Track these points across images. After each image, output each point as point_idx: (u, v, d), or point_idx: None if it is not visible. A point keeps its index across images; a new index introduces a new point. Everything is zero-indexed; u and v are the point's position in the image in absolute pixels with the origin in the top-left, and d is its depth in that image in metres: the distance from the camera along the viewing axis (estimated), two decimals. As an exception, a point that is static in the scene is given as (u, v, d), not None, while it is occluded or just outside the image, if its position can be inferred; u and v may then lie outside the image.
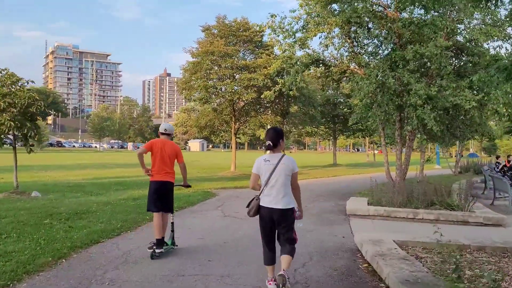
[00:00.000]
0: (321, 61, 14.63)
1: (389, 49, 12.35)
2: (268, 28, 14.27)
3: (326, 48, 14.63)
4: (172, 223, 6.66)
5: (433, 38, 11.55)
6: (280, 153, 4.68)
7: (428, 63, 11.94)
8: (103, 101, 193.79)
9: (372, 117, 12.40)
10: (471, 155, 55.55)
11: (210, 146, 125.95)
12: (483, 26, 11.59)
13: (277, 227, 4.60)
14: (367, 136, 43.90)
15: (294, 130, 30.92)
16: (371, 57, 13.12)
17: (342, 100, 35.69)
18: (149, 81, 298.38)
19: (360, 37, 14.53)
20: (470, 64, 12.73)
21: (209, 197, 13.20)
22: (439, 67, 11.81)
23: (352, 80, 13.09)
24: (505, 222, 9.32)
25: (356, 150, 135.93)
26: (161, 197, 6.34)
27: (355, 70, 14.70)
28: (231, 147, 24.58)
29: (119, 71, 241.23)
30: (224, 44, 21.46)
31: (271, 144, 4.58)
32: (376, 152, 63.82)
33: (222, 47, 21.01)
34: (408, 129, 11.62)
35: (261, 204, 4.60)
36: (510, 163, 20.02)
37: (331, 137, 41.36)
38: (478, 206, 10.54)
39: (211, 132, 25.04)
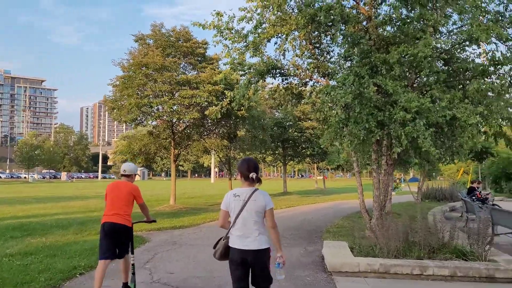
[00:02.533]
0: (278, 70, 11.90)
1: (365, 53, 9.78)
2: (213, 28, 11.42)
3: (283, 55, 11.99)
4: (133, 264, 6.12)
5: (420, 37, 9.16)
6: (253, 187, 4.23)
7: (416, 68, 9.46)
8: (37, 129, 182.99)
9: (347, 137, 9.73)
10: (412, 180, 54.79)
11: (151, 175, 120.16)
12: (484, 21, 9.36)
13: (252, 271, 4.15)
14: (317, 162, 41.79)
15: (242, 155, 27.94)
16: (343, 61, 10.50)
17: (292, 123, 33.28)
18: (87, 108, 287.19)
19: (325, 39, 12.07)
20: (462, 71, 10.43)
21: (136, 245, 9.79)
22: (429, 73, 9.39)
23: (321, 91, 10.41)
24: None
25: (300, 176, 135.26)
26: (111, 241, 5.85)
27: (320, 80, 12.12)
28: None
29: (55, 97, 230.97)
30: (161, 56, 18.31)
31: (259, 177, 4.23)
32: (320, 178, 62.27)
33: (158, 59, 17.84)
34: (397, 151, 8.98)
35: (230, 245, 4.21)
36: (481, 195, 18.39)
37: (281, 163, 38.79)
38: (494, 252, 7.98)
39: (146, 159, 21.55)
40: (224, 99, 12.45)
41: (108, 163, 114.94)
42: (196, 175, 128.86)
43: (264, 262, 4.13)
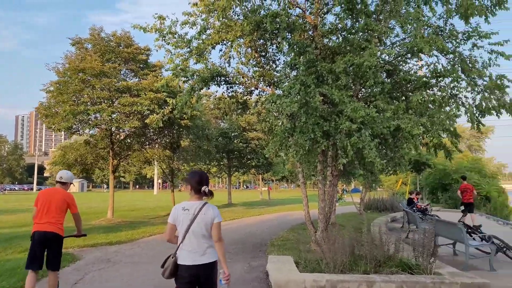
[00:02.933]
0: (223, 77, 11.51)
1: (311, 62, 9.59)
2: (155, 31, 10.88)
3: (228, 63, 11.64)
4: (58, 282, 5.81)
5: (365, 48, 9.10)
6: (202, 200, 4.12)
7: (362, 79, 9.39)
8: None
9: (293, 147, 9.45)
10: (354, 190, 55.98)
11: (91, 186, 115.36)
12: (426, 34, 9.48)
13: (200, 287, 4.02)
14: (262, 173, 41.66)
15: (186, 166, 27.20)
16: (289, 69, 10.27)
17: (237, 133, 32.92)
18: (23, 116, 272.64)
19: (270, 48, 11.86)
20: (404, 83, 10.50)
21: (64, 264, 8.94)
22: (374, 83, 9.34)
23: (266, 100, 10.12)
24: (489, 288, 6.73)
25: (245, 187, 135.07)
26: (41, 251, 5.65)
27: (265, 89, 11.85)
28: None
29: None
30: (100, 61, 17.37)
31: (211, 190, 4.14)
32: (265, 189, 62.34)
33: (96, 64, 16.89)
34: (343, 162, 8.80)
35: (180, 262, 4.01)
36: (421, 205, 18.86)
37: (226, 174, 38.26)
38: (438, 264, 7.91)
39: (83, 170, 20.31)
40: (166, 107, 11.89)
41: (45, 174, 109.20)
42: (138, 186, 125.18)
43: (213, 277, 4.10)
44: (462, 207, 17.31)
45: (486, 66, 9.85)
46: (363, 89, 10.33)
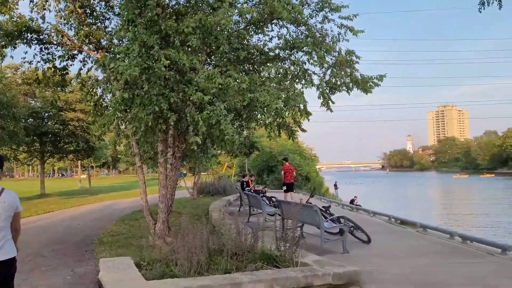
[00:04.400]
0: (35, 35, 8.99)
1: (153, 20, 7.86)
2: None
3: (42, 18, 9.16)
4: None
5: (218, 7, 7.81)
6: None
7: (214, 43, 8.04)
8: None
9: (132, 123, 7.64)
10: (179, 175, 55.37)
11: None
12: None
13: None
14: (82, 159, 37.62)
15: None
16: (127, 25, 8.31)
17: (52, 113, 28.54)
18: None
19: (98, 5, 9.73)
20: (257, 54, 9.56)
21: None
22: (228, 49, 8.14)
23: (97, 63, 8.07)
24: (359, 278, 6.13)
25: (61, 175, 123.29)
26: None
27: (93, 53, 9.67)
28: None
29: None
30: None
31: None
32: (84, 176, 57.39)
33: None
34: (195, 140, 7.35)
35: None
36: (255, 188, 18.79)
37: (38, 161, 33.26)
38: (301, 253, 7.11)
39: None
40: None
41: None
42: None
43: (13, 273, 3.73)
44: (285, 187, 17.56)
45: (336, 40, 9.48)
46: (212, 57, 9.00)
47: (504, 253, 7.81)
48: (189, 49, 8.01)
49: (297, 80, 9.45)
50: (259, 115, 9.45)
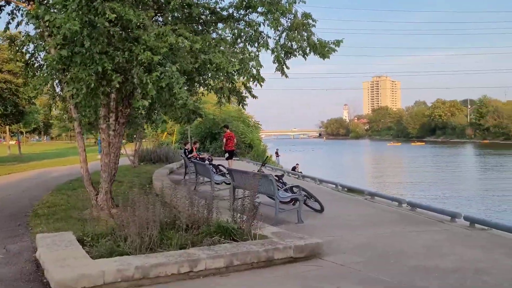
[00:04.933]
0: None
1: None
2: None
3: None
4: None
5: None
6: None
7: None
8: None
9: (72, 84, 6.80)
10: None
11: None
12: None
13: None
14: (10, 124, 34.99)
15: None
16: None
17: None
18: None
19: None
20: (208, 12, 8.88)
21: None
22: (178, 5, 7.45)
23: (28, 16, 7.07)
24: (321, 250, 5.93)
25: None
26: None
27: (22, 4, 8.56)
28: None
29: None
30: None
31: None
32: (12, 142, 54.05)
33: None
34: (144, 104, 6.70)
35: None
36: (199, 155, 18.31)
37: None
38: (257, 224, 6.79)
39: None
40: None
41: None
42: None
43: None
44: (227, 155, 17.30)
45: (292, 2, 8.99)
46: (163, 12, 8.23)
47: (453, 221, 7.97)
48: (136, 2, 7.23)
49: (251, 43, 8.93)
50: (211, 80, 8.87)
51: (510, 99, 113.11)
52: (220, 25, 8.78)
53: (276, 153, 41.09)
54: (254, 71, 8.68)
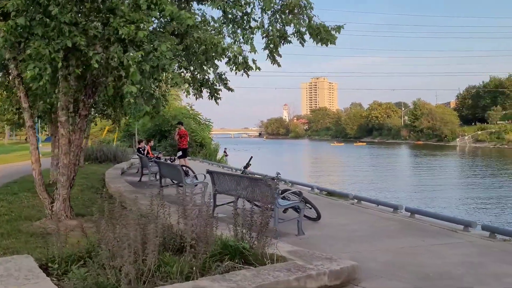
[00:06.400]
0: None
1: None
2: None
3: None
4: None
5: None
6: None
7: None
8: None
9: (33, 62, 5.22)
10: (48, 139, 49.84)
11: None
12: None
13: None
14: None
15: None
16: None
17: None
18: None
19: None
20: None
21: None
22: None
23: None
24: (357, 274, 4.84)
25: None
26: None
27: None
28: None
29: None
30: None
31: None
32: None
33: None
34: (132, 90, 5.27)
35: None
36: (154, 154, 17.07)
37: None
38: (268, 241, 5.57)
39: None
40: None
41: None
42: None
43: None
44: (180, 153, 16.33)
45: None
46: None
47: (466, 230, 7.21)
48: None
49: (241, 27, 7.73)
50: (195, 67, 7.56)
51: (440, 102, 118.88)
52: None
53: (225, 152, 39.82)
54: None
